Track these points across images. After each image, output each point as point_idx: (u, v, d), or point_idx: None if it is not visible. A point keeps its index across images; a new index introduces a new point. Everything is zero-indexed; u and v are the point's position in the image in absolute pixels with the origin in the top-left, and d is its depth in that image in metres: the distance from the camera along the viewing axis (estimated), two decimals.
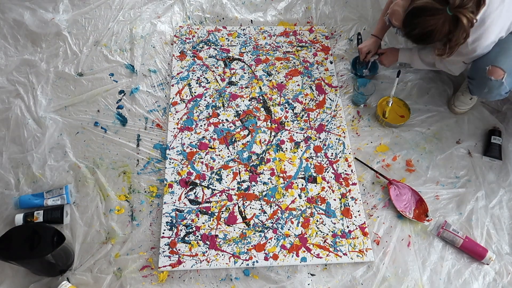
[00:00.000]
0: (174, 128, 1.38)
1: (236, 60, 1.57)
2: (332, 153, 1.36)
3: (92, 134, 1.37)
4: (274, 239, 1.20)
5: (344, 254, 1.19)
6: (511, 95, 1.28)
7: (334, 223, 1.24)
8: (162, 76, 1.51)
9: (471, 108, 1.47)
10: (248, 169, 1.31)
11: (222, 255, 1.17)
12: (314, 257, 1.17)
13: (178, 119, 1.40)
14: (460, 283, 1.17)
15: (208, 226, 1.21)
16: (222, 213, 1.23)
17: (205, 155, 1.34)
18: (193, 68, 1.53)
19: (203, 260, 1.15)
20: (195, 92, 1.47)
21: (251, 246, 1.18)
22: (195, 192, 1.27)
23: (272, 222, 1.23)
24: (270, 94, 1.48)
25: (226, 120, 1.41)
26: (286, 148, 1.36)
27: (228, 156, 1.34)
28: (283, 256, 1.17)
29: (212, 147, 1.35)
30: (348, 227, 1.23)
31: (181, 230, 1.20)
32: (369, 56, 1.47)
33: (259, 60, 1.57)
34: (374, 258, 1.19)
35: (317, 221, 1.24)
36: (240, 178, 1.30)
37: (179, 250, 1.17)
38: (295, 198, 1.27)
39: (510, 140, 1.41)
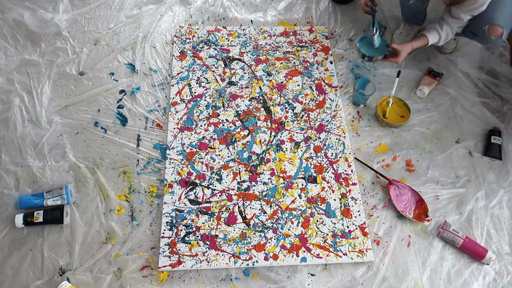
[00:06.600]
0: (174, 128, 1.38)
1: (236, 60, 1.57)
2: (332, 153, 1.36)
3: (92, 134, 1.37)
4: (274, 239, 1.20)
5: (344, 254, 1.18)
6: None
7: (334, 223, 1.24)
8: (163, 76, 1.51)
9: (456, 47, 1.58)
10: (248, 169, 1.31)
11: (222, 255, 1.17)
12: (314, 257, 1.17)
13: (178, 119, 1.40)
14: (460, 283, 1.17)
15: (208, 226, 1.21)
16: (222, 213, 1.23)
17: (205, 155, 1.33)
18: (193, 68, 1.53)
19: (203, 260, 1.15)
20: (195, 92, 1.47)
21: (251, 246, 1.18)
22: (195, 192, 1.27)
23: (272, 222, 1.23)
24: (270, 94, 1.48)
25: (226, 120, 1.41)
26: (286, 148, 1.36)
27: (228, 156, 1.33)
28: (283, 256, 1.17)
29: (212, 147, 1.35)
30: (348, 227, 1.23)
31: (181, 230, 1.20)
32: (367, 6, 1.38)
33: (259, 60, 1.57)
34: (374, 258, 1.19)
35: (317, 221, 1.24)
36: (240, 178, 1.30)
37: (179, 250, 1.17)
38: (295, 198, 1.27)
39: (510, 140, 1.41)
